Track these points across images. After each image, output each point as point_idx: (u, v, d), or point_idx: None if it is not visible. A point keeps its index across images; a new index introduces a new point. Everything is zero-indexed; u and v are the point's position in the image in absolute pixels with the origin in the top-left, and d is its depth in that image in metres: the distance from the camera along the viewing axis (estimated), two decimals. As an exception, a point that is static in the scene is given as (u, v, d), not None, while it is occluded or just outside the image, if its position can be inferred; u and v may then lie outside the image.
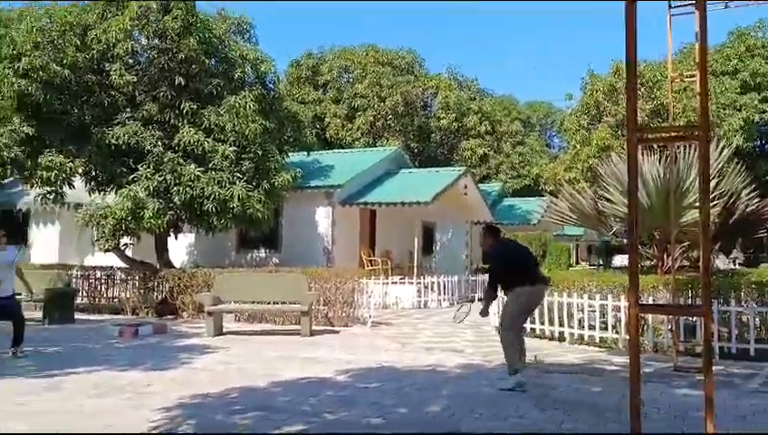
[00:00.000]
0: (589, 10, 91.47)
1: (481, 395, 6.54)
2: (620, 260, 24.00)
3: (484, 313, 7.40)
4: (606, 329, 9.99)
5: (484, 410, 5.90)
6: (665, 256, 11.23)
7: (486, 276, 23.09)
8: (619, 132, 21.67)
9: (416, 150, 31.75)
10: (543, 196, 34.02)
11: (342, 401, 6.25)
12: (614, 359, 8.86)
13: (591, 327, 10.08)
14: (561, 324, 10.46)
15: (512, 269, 7.14)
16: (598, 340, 10.00)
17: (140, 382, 7.16)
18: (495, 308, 12.36)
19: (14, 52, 13.46)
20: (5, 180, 16.37)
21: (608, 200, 12.09)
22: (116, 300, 15.29)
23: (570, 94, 25.72)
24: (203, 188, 13.98)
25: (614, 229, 12.10)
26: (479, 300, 19.78)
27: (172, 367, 8.17)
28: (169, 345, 10.12)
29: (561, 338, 10.45)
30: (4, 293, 8.77)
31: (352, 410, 5.92)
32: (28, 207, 19.50)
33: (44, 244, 19.71)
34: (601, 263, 28.57)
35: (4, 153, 13.65)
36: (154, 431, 5.19)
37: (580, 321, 10.18)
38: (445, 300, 17.85)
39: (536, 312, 11.05)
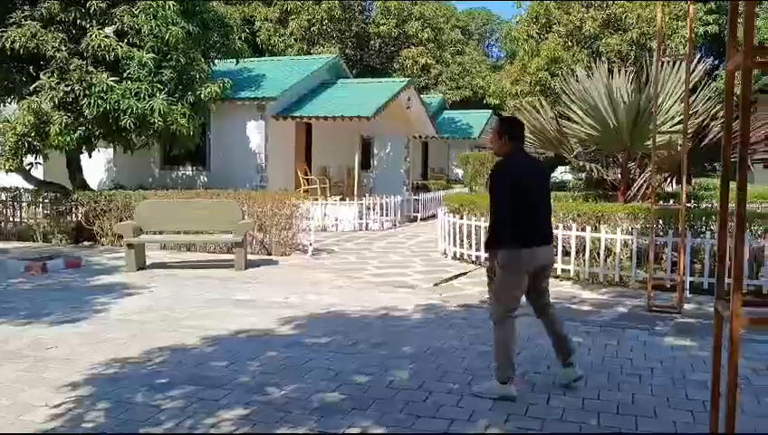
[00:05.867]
0: None
1: (448, 354, 5.70)
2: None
3: (492, 272, 4.59)
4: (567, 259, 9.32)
5: (458, 378, 5.05)
6: (629, 182, 10.57)
7: (431, 195, 22.06)
8: (569, 43, 20.68)
9: (353, 59, 29.99)
10: (486, 109, 33.17)
11: (289, 367, 5.29)
12: (583, 294, 8.25)
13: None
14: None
15: (519, 206, 4.40)
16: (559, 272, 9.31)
17: (44, 342, 5.98)
18: (444, 232, 11.54)
19: None
20: None
21: (568, 119, 11.24)
22: (24, 224, 13.70)
23: (519, 2, 24.30)
24: (118, 101, 12.29)
25: (575, 151, 11.30)
26: (422, 220, 19.08)
27: (85, 317, 6.98)
28: (83, 284, 8.86)
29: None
30: None
31: (302, 380, 4.97)
32: None
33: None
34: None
35: None
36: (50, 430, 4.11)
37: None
38: (387, 221, 17.01)
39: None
